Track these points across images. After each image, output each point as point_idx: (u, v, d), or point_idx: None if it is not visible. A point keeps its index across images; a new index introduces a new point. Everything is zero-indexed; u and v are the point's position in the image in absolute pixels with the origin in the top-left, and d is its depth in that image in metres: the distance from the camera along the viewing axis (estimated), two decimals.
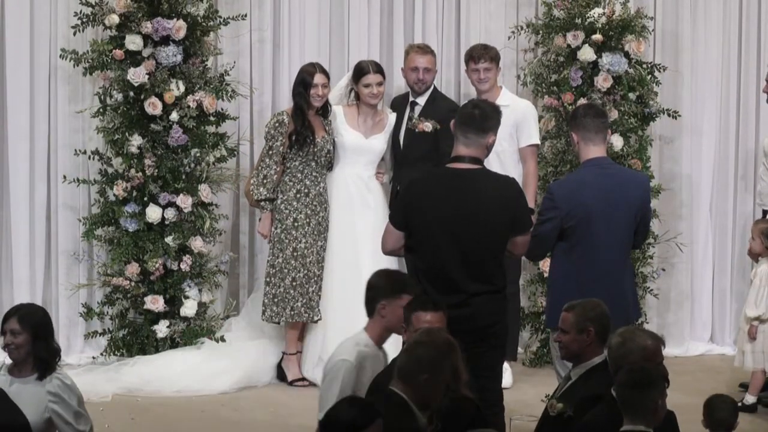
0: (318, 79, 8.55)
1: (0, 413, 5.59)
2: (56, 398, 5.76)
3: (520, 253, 6.58)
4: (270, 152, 8.58)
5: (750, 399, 8.09)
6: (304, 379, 8.61)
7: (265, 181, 8.57)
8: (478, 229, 6.26)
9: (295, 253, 8.57)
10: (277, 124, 8.58)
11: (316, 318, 8.59)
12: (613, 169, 6.80)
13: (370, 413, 4.91)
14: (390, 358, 6.12)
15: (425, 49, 8.87)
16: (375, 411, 4.94)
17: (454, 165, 6.34)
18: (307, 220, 8.60)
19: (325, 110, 8.69)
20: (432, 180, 6.47)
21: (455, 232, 6.25)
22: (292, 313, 8.55)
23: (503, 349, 6.55)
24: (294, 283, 8.56)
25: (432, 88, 8.85)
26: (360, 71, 8.70)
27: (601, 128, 6.72)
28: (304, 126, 8.53)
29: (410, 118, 8.78)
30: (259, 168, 8.64)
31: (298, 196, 8.60)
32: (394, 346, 6.22)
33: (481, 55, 8.69)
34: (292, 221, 8.58)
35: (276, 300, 8.57)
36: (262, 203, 8.61)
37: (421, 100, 8.82)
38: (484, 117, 6.32)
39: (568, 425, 5.59)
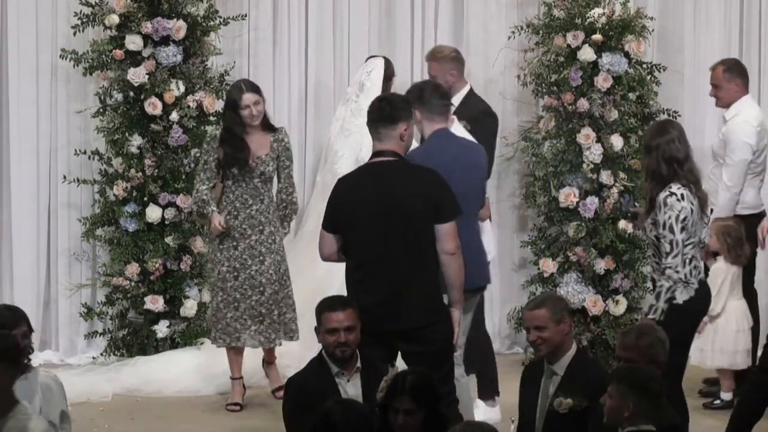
0: (247, 99, 7.94)
1: None
2: (48, 393, 5.71)
3: (451, 249, 6.24)
4: (205, 166, 8.05)
5: (726, 396, 8.07)
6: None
7: (196, 194, 8.06)
8: (402, 221, 6.19)
9: (218, 276, 8.09)
10: (209, 139, 8.07)
11: (233, 344, 8.07)
12: (459, 142, 6.98)
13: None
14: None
15: (427, 56, 8.72)
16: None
17: (373, 160, 6.36)
18: (234, 243, 8.02)
19: (269, 125, 8.10)
20: (355, 177, 6.43)
21: (379, 226, 6.18)
22: (215, 335, 8.12)
23: (447, 354, 6.37)
24: (215, 305, 8.14)
25: (468, 89, 8.66)
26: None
27: (444, 110, 6.92)
28: (236, 149, 7.92)
29: None
30: (195, 180, 8.21)
31: (228, 218, 8.04)
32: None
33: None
34: (218, 242, 8.08)
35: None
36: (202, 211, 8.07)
37: (456, 101, 8.62)
38: (392, 108, 6.32)
39: (583, 416, 5.62)
